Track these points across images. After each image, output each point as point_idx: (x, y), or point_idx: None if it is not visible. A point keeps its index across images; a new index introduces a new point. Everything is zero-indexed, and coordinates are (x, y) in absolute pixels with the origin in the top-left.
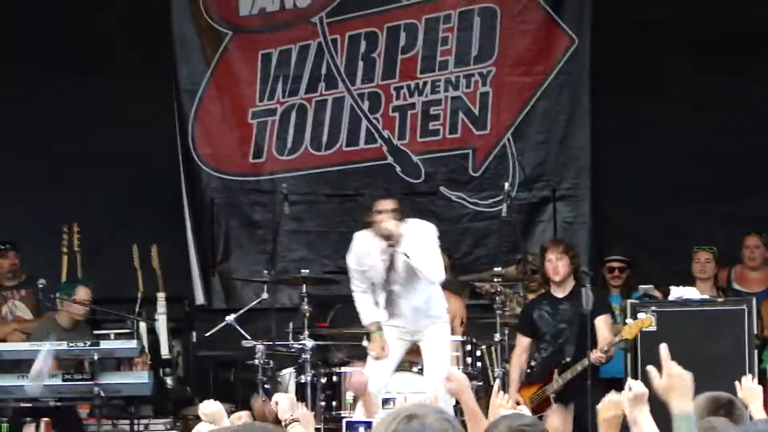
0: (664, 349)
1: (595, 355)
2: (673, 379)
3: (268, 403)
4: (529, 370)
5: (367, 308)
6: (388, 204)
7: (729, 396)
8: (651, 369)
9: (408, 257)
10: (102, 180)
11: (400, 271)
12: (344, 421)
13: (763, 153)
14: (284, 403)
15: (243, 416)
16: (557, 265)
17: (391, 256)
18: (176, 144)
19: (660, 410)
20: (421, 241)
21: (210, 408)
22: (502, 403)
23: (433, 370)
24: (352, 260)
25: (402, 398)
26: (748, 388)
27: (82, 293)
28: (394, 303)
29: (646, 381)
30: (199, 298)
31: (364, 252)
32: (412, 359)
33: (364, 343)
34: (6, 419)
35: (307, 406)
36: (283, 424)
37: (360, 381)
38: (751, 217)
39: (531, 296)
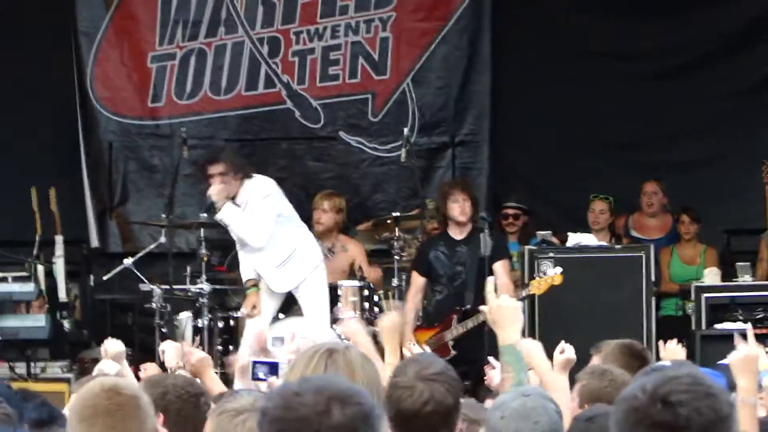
0: (489, 284)
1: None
2: (501, 310)
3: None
4: (422, 314)
5: (242, 264)
6: (217, 168)
7: (642, 346)
8: (483, 308)
9: (225, 224)
10: (0, 121)
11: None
12: (249, 361)
13: (663, 101)
14: (170, 351)
15: (148, 368)
16: (464, 206)
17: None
18: (70, 86)
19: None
20: (253, 204)
21: (114, 347)
22: None
23: (312, 316)
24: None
25: (289, 336)
26: (671, 349)
27: None
28: (251, 261)
29: (544, 327)
30: (94, 241)
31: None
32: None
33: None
34: None
35: (204, 349)
36: (169, 372)
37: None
38: (650, 164)
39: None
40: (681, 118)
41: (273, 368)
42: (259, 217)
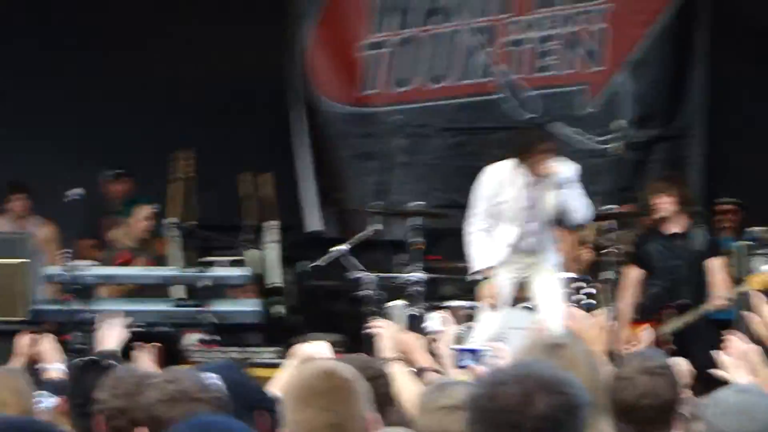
0: (755, 298)
1: (720, 302)
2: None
3: None
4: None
5: (482, 251)
6: (550, 144)
7: None
8: (748, 315)
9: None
10: (210, 107)
11: (544, 209)
12: (455, 348)
13: None
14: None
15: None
16: (659, 202)
17: (537, 196)
18: (285, 76)
19: None
20: (573, 181)
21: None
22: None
23: (550, 306)
24: (485, 188)
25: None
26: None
27: (141, 212)
28: (522, 239)
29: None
30: (314, 225)
31: (502, 180)
32: (521, 296)
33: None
34: None
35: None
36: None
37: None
38: None
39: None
40: None
41: (477, 355)
42: (582, 191)
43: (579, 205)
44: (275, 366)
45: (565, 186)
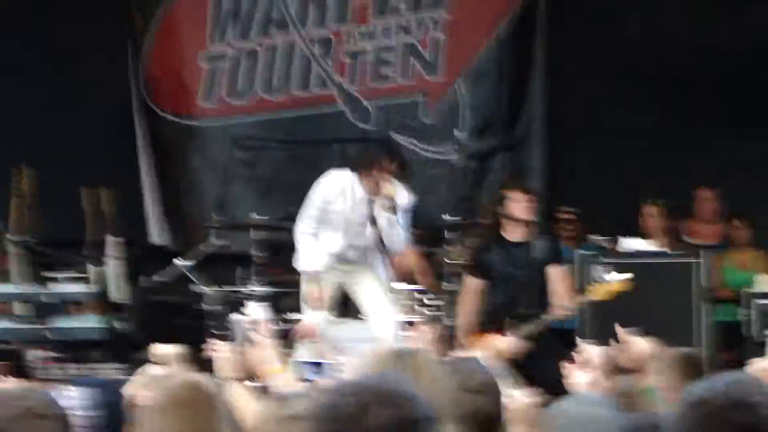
0: (619, 328)
1: (562, 311)
2: (636, 360)
3: None
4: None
5: (311, 253)
6: (395, 167)
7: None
8: (610, 349)
9: (397, 226)
10: (52, 122)
11: (380, 228)
12: (293, 360)
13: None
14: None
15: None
16: (529, 206)
17: (371, 212)
18: (126, 86)
19: None
20: (402, 209)
21: (162, 350)
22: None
23: (381, 316)
24: (321, 194)
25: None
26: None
27: None
28: (347, 251)
29: (601, 336)
30: (154, 237)
31: (338, 190)
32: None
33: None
34: None
35: None
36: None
37: (309, 329)
38: (705, 169)
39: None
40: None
41: (319, 368)
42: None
43: (398, 236)
44: None
45: (397, 212)
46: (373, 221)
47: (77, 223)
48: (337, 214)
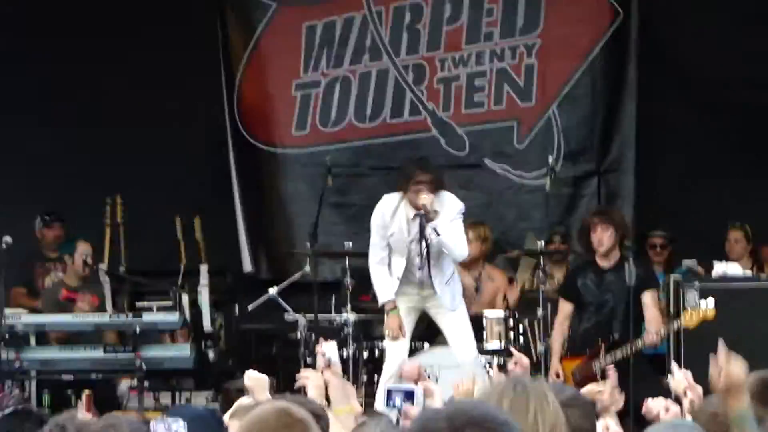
0: (722, 348)
1: (651, 338)
2: (731, 380)
3: None
4: (568, 342)
5: (383, 284)
6: (426, 176)
7: None
8: (713, 367)
9: (438, 233)
10: (145, 152)
11: (428, 245)
12: (384, 388)
13: None
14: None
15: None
16: (603, 235)
17: (421, 228)
18: (218, 116)
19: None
20: (450, 218)
21: (254, 377)
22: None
23: (460, 343)
24: (376, 219)
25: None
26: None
27: (82, 248)
28: (410, 271)
29: (692, 361)
30: (247, 266)
31: (390, 212)
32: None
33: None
34: (48, 391)
35: (349, 379)
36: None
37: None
38: None
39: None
40: None
41: (409, 395)
42: (460, 229)
43: (452, 243)
44: None
45: (443, 221)
46: (421, 237)
47: (170, 252)
48: (392, 237)
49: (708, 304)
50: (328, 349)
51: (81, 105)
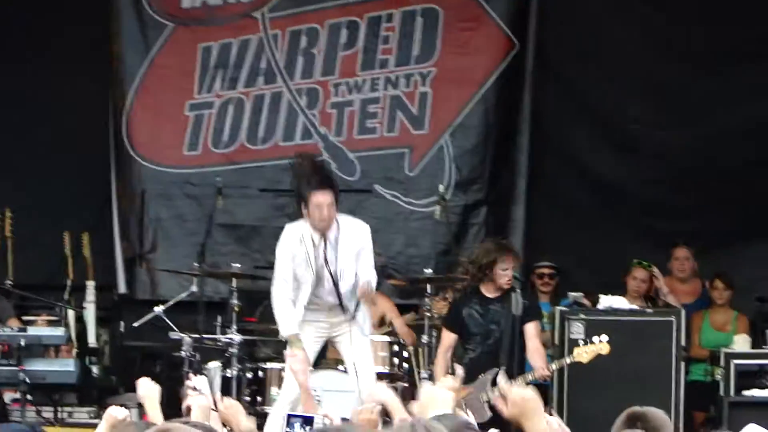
0: (501, 378)
1: (542, 373)
2: (518, 404)
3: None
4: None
5: (287, 316)
6: (326, 197)
7: (644, 409)
8: (495, 399)
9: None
10: (34, 167)
11: (333, 265)
12: (285, 414)
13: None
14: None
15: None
16: (509, 270)
17: (324, 251)
18: (109, 133)
19: None
20: (362, 243)
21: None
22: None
23: (362, 370)
24: (283, 250)
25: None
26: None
27: None
28: (318, 298)
29: (572, 390)
30: (121, 288)
31: (296, 241)
32: (336, 357)
33: (286, 352)
34: None
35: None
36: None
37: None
38: (680, 230)
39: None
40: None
41: (308, 421)
42: (371, 258)
43: (363, 269)
44: (90, 426)
45: (349, 245)
46: (326, 261)
47: (57, 267)
48: (303, 264)
49: (602, 339)
50: (198, 382)
51: None
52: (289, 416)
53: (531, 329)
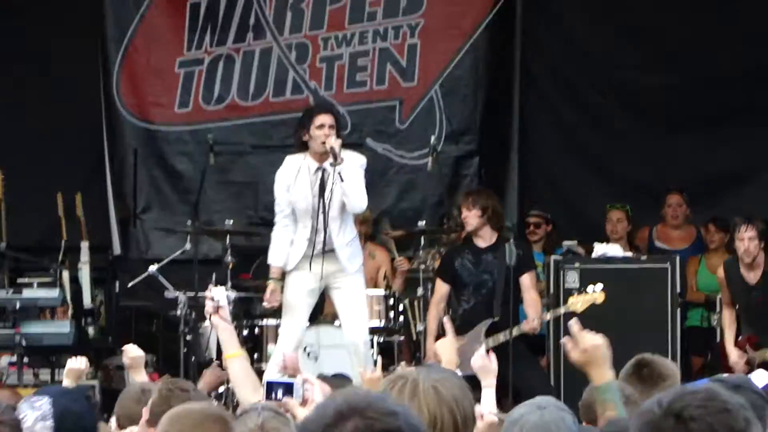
0: (574, 324)
1: (531, 325)
2: (588, 352)
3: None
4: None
5: (279, 248)
6: (328, 118)
7: (653, 356)
8: (565, 342)
9: (342, 179)
10: (25, 127)
11: (331, 198)
12: (265, 381)
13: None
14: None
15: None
16: (467, 216)
17: (321, 182)
18: (100, 93)
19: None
20: (353, 168)
21: (134, 353)
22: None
23: (353, 323)
24: (279, 180)
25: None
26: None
27: None
28: (316, 239)
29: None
30: (116, 248)
31: (293, 172)
32: (333, 311)
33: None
34: None
35: None
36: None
37: (294, 364)
38: (674, 175)
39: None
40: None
41: (288, 388)
42: (361, 180)
43: (353, 191)
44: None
45: (347, 170)
46: (322, 190)
47: (51, 228)
48: (300, 197)
49: (596, 288)
50: (216, 293)
51: None
52: (270, 383)
53: (526, 280)
